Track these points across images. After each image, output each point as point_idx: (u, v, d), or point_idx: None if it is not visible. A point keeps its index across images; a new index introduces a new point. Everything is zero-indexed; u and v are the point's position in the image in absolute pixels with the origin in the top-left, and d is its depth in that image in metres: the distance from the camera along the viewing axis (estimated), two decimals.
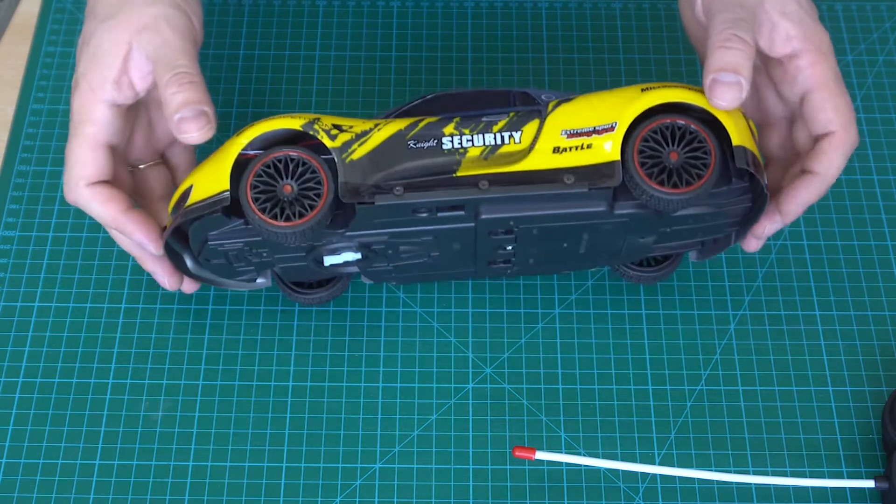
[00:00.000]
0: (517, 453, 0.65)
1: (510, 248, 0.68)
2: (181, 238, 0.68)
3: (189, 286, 0.71)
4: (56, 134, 0.80)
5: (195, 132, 0.64)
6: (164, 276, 0.70)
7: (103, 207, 0.66)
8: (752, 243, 0.70)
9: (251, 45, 0.85)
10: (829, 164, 0.66)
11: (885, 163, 0.80)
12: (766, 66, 0.69)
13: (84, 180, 0.66)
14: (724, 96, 0.62)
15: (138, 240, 0.67)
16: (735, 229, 0.69)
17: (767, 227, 0.68)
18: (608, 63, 0.84)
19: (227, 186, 0.62)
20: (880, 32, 0.87)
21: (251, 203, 0.62)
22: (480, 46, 0.85)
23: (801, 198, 0.67)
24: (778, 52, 0.66)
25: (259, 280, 0.72)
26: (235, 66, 0.84)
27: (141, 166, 0.70)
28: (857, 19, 0.87)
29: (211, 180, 0.63)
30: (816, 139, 0.67)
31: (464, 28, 0.86)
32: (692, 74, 0.84)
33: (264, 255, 0.67)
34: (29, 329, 0.72)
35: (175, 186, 0.72)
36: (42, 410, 0.70)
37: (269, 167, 0.63)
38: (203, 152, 0.79)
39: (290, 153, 0.63)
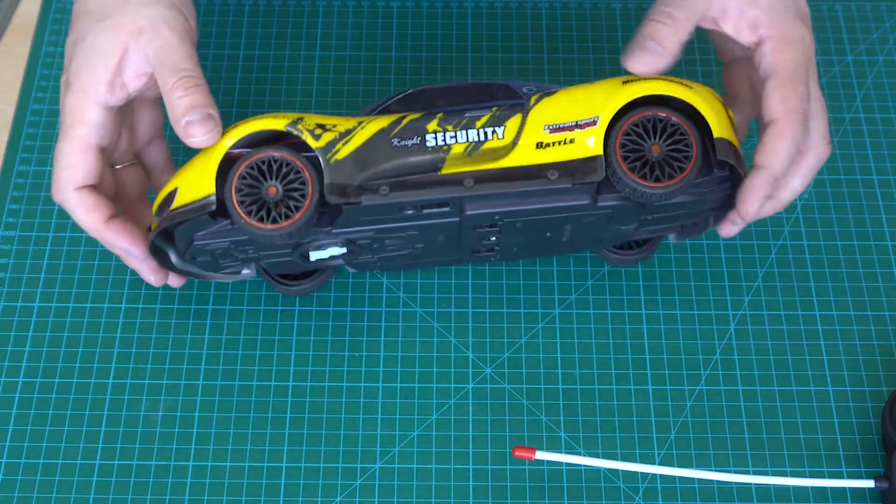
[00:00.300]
0: (517, 453, 0.65)
1: (494, 238, 0.68)
2: (165, 235, 0.68)
3: (175, 281, 0.71)
4: (56, 134, 0.80)
5: (202, 136, 0.63)
6: (150, 274, 0.70)
7: (87, 215, 0.66)
8: (727, 228, 0.69)
9: (251, 45, 0.85)
10: (772, 154, 0.64)
11: (884, 163, 0.80)
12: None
13: (73, 183, 0.66)
14: (639, 60, 0.65)
15: (123, 247, 0.67)
16: (714, 213, 0.70)
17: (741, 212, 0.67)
18: (608, 63, 0.84)
19: (213, 190, 0.62)
20: (880, 32, 0.87)
21: (237, 206, 0.62)
22: (480, 46, 0.85)
23: (749, 195, 0.65)
24: (745, 39, 0.66)
25: (244, 271, 0.72)
26: (235, 66, 0.84)
27: (118, 166, 0.70)
28: (857, 19, 0.87)
29: (196, 183, 0.63)
30: (764, 128, 0.66)
31: (464, 28, 0.86)
32: (691, 75, 0.84)
33: (250, 251, 0.67)
34: (29, 329, 0.72)
35: (151, 186, 0.72)
36: (42, 410, 0.70)
37: (252, 169, 0.62)
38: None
39: (274, 154, 0.63)
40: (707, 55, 0.84)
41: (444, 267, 0.75)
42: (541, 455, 0.65)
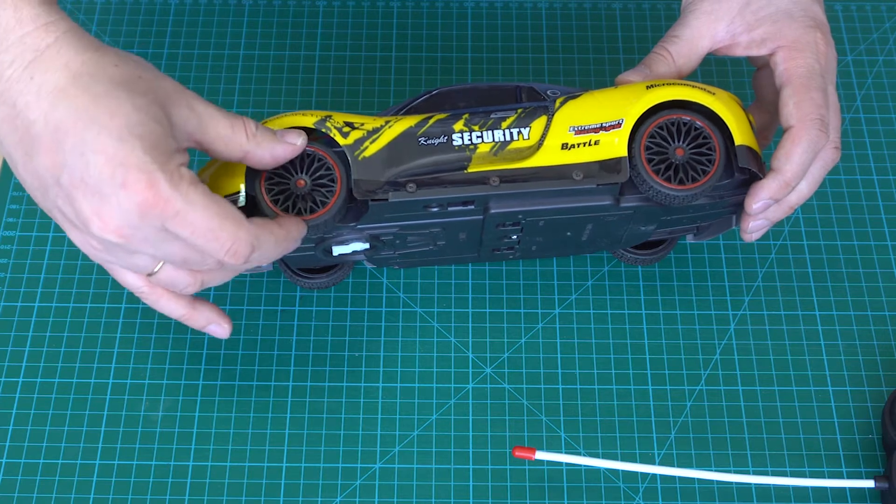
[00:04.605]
0: (517, 453, 0.65)
1: (515, 237, 0.68)
2: None
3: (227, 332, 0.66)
4: None
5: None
6: (223, 320, 0.65)
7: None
8: (747, 236, 0.70)
9: (251, 45, 0.85)
10: (785, 158, 0.65)
11: (884, 163, 0.80)
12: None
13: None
14: (630, 76, 0.68)
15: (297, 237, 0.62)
16: (735, 215, 0.70)
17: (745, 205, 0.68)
18: (608, 63, 0.84)
19: (240, 188, 0.63)
20: (880, 32, 0.87)
21: (266, 198, 0.62)
22: (480, 46, 0.85)
23: (756, 192, 0.66)
24: (759, 53, 0.68)
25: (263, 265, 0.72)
26: (235, 66, 0.84)
27: None
28: (857, 19, 0.87)
29: (225, 178, 0.63)
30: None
31: (464, 28, 0.86)
32: (691, 75, 0.84)
33: None
34: (29, 329, 0.72)
35: None
36: (42, 410, 0.70)
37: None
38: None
39: (306, 149, 0.63)
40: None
41: (444, 267, 0.75)
42: (541, 455, 0.65)
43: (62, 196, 0.56)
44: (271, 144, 0.61)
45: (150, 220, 0.55)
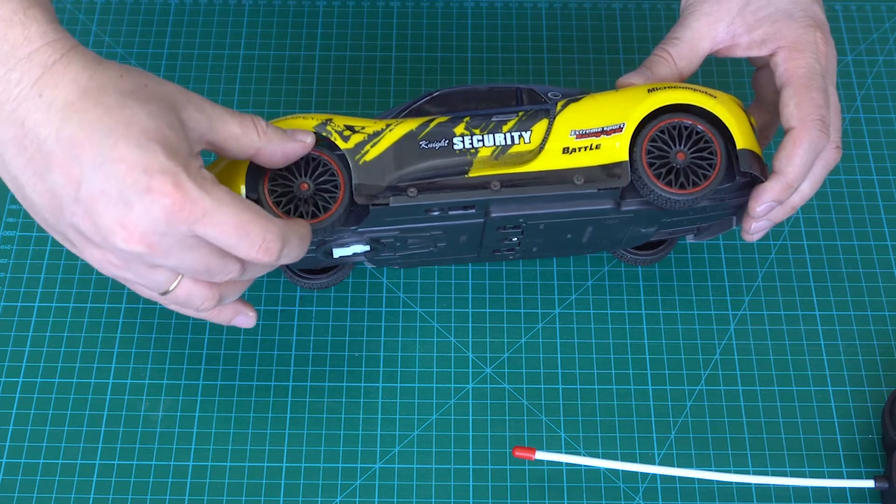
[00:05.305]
0: (517, 453, 0.65)
1: (515, 239, 0.68)
2: None
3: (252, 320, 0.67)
4: None
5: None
6: (248, 309, 0.66)
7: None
8: (748, 237, 0.70)
9: (251, 45, 0.85)
10: (786, 160, 0.65)
11: (884, 163, 0.80)
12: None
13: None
14: (632, 78, 0.68)
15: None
16: (735, 216, 0.70)
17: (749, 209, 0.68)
18: (608, 63, 0.84)
19: (241, 191, 0.63)
20: (880, 32, 0.87)
21: (269, 200, 0.62)
22: (480, 46, 0.85)
23: (759, 195, 0.66)
24: (759, 54, 0.68)
25: None
26: (235, 66, 0.84)
27: None
28: (857, 19, 0.87)
29: (226, 181, 0.63)
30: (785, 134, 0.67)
31: (464, 28, 0.86)
32: (692, 77, 0.84)
33: None
34: (29, 329, 0.72)
35: None
36: (42, 410, 0.70)
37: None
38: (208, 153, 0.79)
39: (311, 152, 0.63)
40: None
41: (444, 267, 0.75)
42: (541, 455, 0.65)
43: (80, 212, 0.55)
44: (282, 142, 0.61)
45: (176, 225, 0.54)
